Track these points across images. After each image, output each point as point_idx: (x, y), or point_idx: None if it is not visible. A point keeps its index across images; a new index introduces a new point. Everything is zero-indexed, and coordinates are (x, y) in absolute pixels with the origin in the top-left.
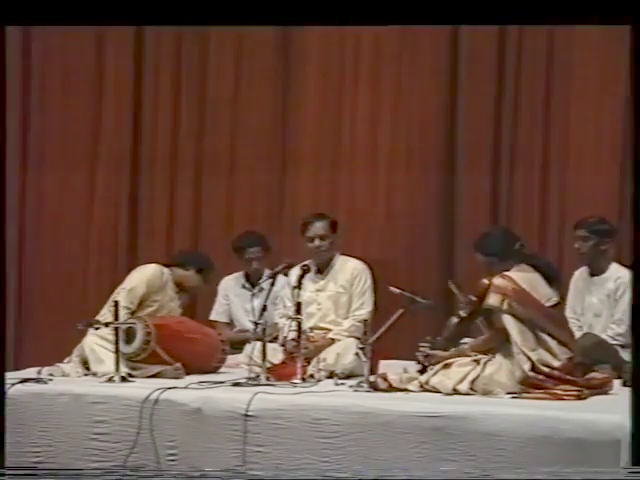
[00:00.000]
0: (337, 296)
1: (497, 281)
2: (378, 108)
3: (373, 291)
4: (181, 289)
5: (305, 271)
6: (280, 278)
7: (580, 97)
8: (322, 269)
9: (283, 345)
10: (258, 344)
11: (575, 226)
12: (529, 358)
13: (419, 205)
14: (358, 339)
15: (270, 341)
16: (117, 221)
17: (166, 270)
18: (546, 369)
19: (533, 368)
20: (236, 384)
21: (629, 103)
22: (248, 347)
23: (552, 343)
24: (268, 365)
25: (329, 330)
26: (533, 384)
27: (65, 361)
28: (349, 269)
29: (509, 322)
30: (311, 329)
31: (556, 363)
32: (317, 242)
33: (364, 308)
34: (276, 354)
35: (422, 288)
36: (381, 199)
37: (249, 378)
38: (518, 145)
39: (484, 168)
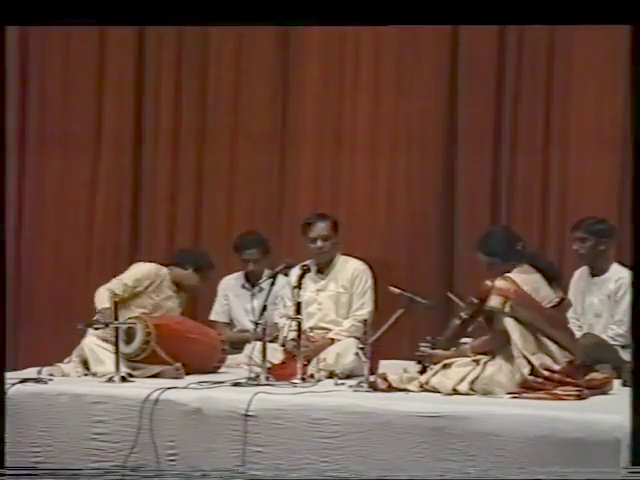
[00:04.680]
0: (338, 296)
1: (499, 283)
2: (378, 108)
3: (373, 291)
4: (180, 288)
5: (305, 271)
6: (280, 278)
7: (580, 98)
8: (323, 269)
9: (283, 345)
10: (258, 344)
11: (573, 228)
12: (529, 362)
13: (419, 205)
14: (358, 339)
15: (270, 341)
16: (118, 221)
17: (164, 269)
18: (546, 372)
19: (532, 372)
20: (236, 384)
21: (629, 103)
22: (248, 347)
23: (553, 347)
24: (268, 365)
25: (329, 330)
26: (533, 387)
27: (65, 361)
28: (350, 269)
29: (510, 325)
30: (311, 329)
31: (556, 367)
32: (320, 243)
33: (364, 308)
34: (276, 354)
35: (422, 288)
36: (381, 199)
37: (249, 378)
38: (518, 145)
39: (484, 167)
